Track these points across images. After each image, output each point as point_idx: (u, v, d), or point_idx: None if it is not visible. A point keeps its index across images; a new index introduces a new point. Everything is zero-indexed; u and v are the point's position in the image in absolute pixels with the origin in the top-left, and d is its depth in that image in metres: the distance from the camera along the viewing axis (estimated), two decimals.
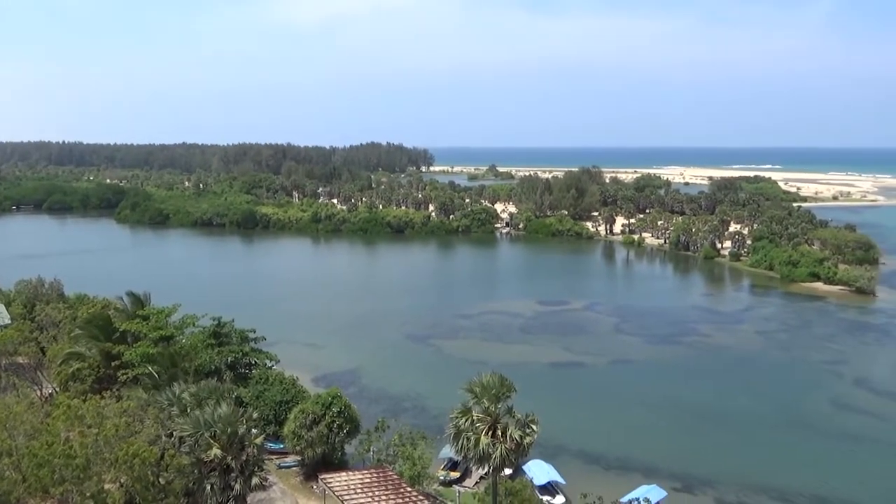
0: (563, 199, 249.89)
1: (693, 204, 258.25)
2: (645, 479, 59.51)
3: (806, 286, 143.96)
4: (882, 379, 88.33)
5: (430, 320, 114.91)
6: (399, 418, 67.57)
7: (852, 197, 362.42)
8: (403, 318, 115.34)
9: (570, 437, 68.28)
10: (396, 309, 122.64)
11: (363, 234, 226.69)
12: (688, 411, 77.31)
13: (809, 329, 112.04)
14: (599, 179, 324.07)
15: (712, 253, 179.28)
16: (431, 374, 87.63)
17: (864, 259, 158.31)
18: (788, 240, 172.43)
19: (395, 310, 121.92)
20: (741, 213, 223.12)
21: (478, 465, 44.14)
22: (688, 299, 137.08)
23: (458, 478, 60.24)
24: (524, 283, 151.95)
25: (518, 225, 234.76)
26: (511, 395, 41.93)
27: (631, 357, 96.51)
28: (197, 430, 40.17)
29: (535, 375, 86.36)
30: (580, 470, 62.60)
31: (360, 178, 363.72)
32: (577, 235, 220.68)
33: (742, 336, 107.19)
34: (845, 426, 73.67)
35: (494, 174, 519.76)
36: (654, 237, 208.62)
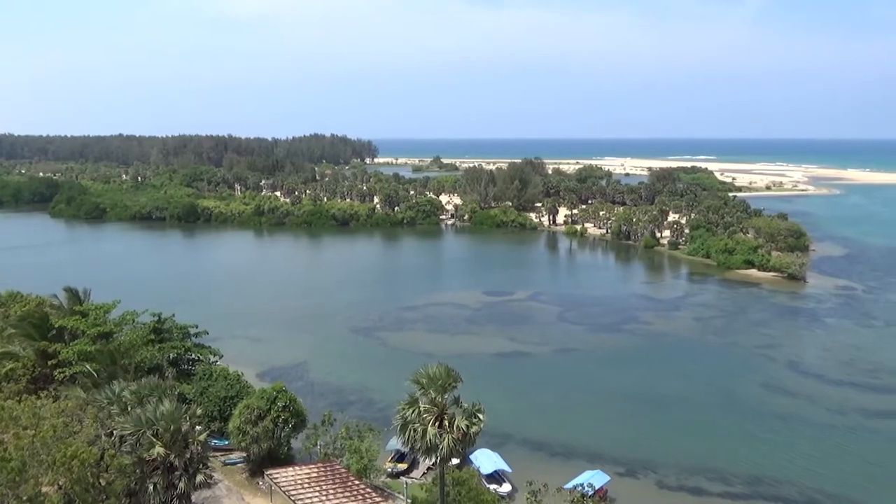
0: (507, 190, 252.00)
1: (633, 194, 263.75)
2: (589, 465, 60.83)
3: (741, 273, 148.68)
4: (811, 362, 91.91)
5: (375, 313, 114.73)
6: (346, 411, 67.60)
7: (784, 187, 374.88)
8: (349, 311, 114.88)
9: (516, 426, 69.29)
10: (342, 302, 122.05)
11: (307, 226, 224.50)
12: (629, 397, 79.20)
13: (744, 315, 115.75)
14: (542, 171, 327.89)
15: (652, 242, 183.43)
16: (378, 367, 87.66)
17: (796, 246, 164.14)
18: (724, 228, 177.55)
19: (341, 303, 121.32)
20: (679, 203, 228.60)
21: (425, 456, 44.44)
22: (629, 288, 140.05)
23: (405, 469, 60.58)
24: (469, 275, 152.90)
25: (463, 216, 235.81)
26: (457, 385, 42.32)
27: (574, 345, 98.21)
28: (138, 429, 39.50)
29: (482, 365, 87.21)
30: (526, 458, 63.63)
31: (304, 171, 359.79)
32: (521, 226, 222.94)
33: (680, 323, 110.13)
34: (777, 408, 76.53)
35: (439, 166, 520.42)
36: (596, 227, 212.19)
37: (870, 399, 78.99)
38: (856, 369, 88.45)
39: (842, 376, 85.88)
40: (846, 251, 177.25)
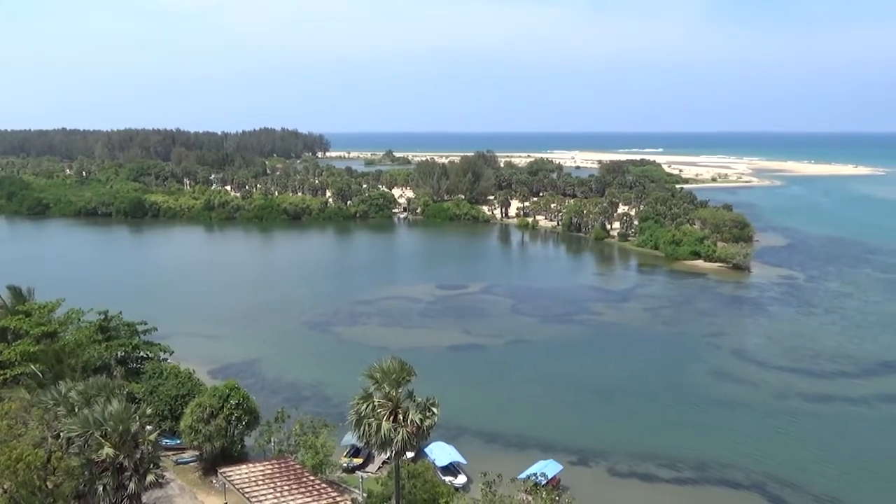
0: (460, 183, 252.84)
1: (584, 187, 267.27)
2: (542, 455, 61.78)
3: (688, 264, 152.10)
4: (755, 349, 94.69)
5: (329, 307, 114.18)
6: (300, 407, 67.35)
7: (729, 178, 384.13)
8: (302, 306, 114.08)
9: (470, 418, 69.88)
10: (294, 297, 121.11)
11: (259, 221, 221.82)
12: (581, 387, 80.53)
13: (691, 304, 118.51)
14: (494, 164, 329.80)
15: (602, 234, 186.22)
16: (331, 362, 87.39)
17: (740, 237, 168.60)
18: (672, 220, 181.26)
19: (293, 298, 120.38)
20: (629, 195, 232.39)
21: (380, 451, 44.66)
22: (580, 279, 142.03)
23: (360, 464, 60.66)
24: (423, 268, 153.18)
25: (416, 210, 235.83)
26: (411, 379, 42.58)
27: (527, 337, 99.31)
28: (86, 430, 38.78)
29: (436, 359, 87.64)
30: (480, 449, 64.28)
31: (255, 165, 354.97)
32: (474, 219, 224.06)
33: (630, 313, 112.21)
34: (723, 394, 78.74)
35: (391, 159, 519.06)
36: (547, 220, 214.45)
37: (810, 384, 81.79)
38: (797, 356, 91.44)
39: (784, 363, 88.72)
40: (788, 241, 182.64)
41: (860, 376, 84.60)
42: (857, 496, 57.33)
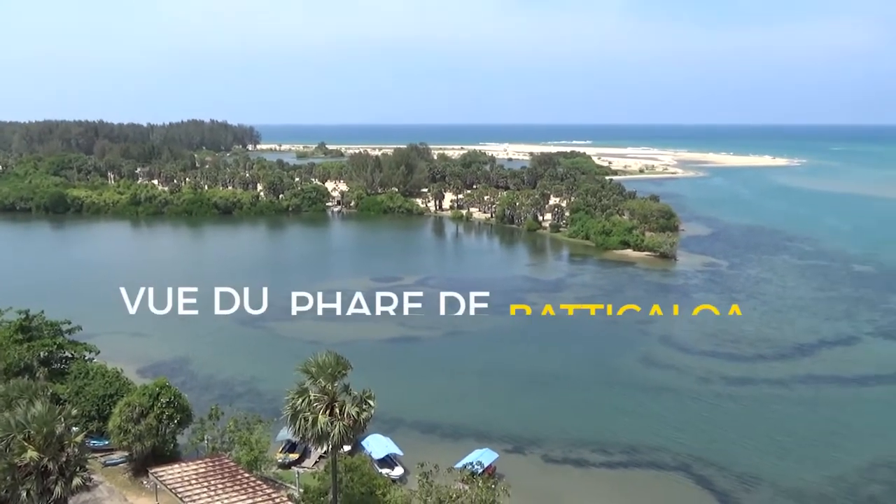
0: (394, 176, 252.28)
1: (516, 179, 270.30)
2: (478, 444, 62.68)
3: (618, 253, 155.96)
4: (681, 335, 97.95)
5: (261, 302, 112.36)
6: (234, 404, 66.45)
7: (656, 170, 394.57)
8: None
9: (406, 410, 70.24)
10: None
11: (188, 215, 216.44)
12: (515, 376, 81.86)
13: (621, 293, 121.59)
14: (428, 156, 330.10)
15: (535, 225, 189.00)
16: (265, 357, 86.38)
17: (667, 226, 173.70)
18: (602, 211, 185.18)
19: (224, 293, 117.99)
20: (560, 186, 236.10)
21: (316, 445, 44.53)
22: (514, 270, 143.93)
23: (297, 459, 60.37)
24: (358, 261, 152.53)
25: (349, 203, 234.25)
26: (347, 372, 42.57)
27: (462, 328, 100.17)
28: (8, 433, 37.44)
29: (371, 352, 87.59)
30: (417, 440, 64.75)
31: (183, 158, 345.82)
32: (408, 212, 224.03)
33: (563, 302, 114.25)
34: (651, 380, 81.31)
35: (324, 152, 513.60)
36: (481, 211, 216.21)
37: (731, 368, 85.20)
38: (720, 340, 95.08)
39: (708, 347, 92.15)
40: (711, 230, 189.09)
41: (778, 359, 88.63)
42: (776, 473, 60.16)
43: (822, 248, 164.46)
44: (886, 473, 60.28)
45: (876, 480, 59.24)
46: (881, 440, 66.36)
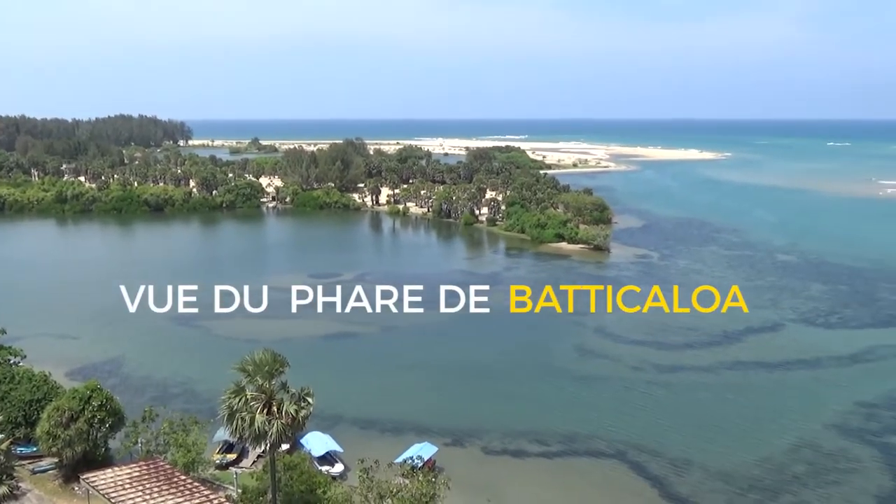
0: (329, 171, 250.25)
1: (453, 173, 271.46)
2: (418, 438, 63.06)
3: (553, 246, 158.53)
4: (615, 325, 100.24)
5: (196, 301, 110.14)
6: (168, 406, 65.06)
7: (589, 164, 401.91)
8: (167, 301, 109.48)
9: (346, 406, 70.07)
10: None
11: (117, 213, 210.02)
12: (454, 370, 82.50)
13: (557, 285, 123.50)
14: (364, 151, 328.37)
15: (471, 219, 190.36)
16: (201, 357, 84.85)
17: (600, 219, 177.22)
18: (537, 204, 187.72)
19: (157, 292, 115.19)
20: (496, 180, 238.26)
21: (254, 444, 44.01)
22: (451, 264, 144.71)
23: (234, 459, 59.59)
24: (294, 258, 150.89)
25: (285, 199, 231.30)
26: (285, 370, 42.22)
27: (401, 323, 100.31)
28: None
29: (309, 349, 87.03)
30: (357, 437, 64.70)
31: (111, 154, 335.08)
32: (345, 207, 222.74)
33: (499, 295, 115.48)
34: (587, 369, 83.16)
35: (258, 147, 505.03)
36: (418, 206, 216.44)
37: (663, 356, 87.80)
38: (651, 330, 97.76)
39: (640, 337, 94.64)
40: (643, 222, 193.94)
41: (706, 346, 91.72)
42: (706, 456, 62.37)
43: (747, 238, 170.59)
44: (809, 454, 63.16)
45: (800, 460, 62.03)
46: (804, 422, 69.45)
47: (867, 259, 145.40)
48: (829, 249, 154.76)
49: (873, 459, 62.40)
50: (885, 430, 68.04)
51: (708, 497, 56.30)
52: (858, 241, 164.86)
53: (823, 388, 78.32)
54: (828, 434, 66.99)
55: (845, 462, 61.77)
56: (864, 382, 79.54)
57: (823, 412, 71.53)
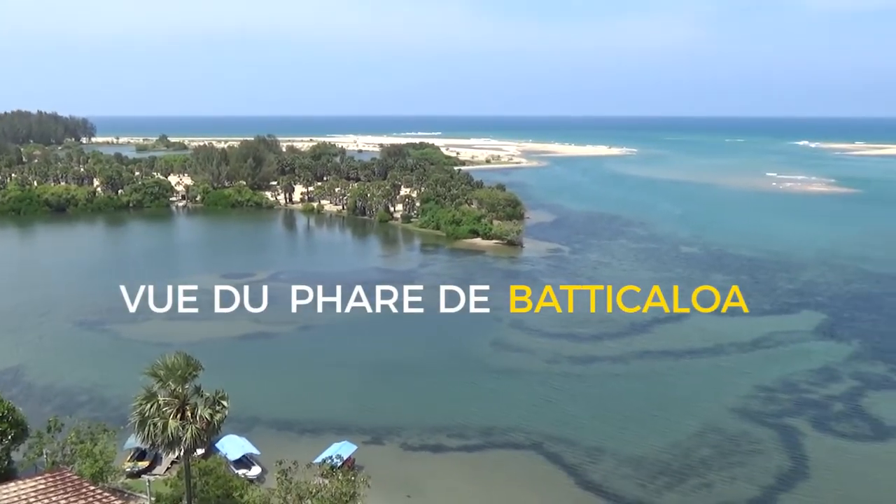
0: (241, 169, 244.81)
1: (367, 170, 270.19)
2: (336, 437, 62.80)
3: (468, 242, 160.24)
4: (530, 319, 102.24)
5: (103, 304, 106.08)
6: (75, 414, 62.51)
7: (501, 160, 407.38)
8: (72, 305, 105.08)
9: (262, 408, 69.04)
10: (62, 296, 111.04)
11: (16, 214, 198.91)
12: (372, 367, 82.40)
13: (472, 280, 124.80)
14: (276, 148, 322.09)
15: (386, 216, 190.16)
16: (110, 362, 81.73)
17: (513, 215, 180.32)
18: (451, 201, 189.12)
19: (61, 297, 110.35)
20: (410, 177, 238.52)
21: (168, 451, 42.93)
22: (367, 262, 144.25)
23: (147, 467, 57.89)
24: (206, 258, 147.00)
25: (195, 197, 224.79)
26: (198, 373, 41.26)
27: (316, 322, 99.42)
28: None
29: (224, 350, 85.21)
30: (274, 438, 63.87)
31: (8, 152, 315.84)
32: (258, 205, 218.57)
33: (415, 292, 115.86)
34: (504, 363, 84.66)
35: (166, 145, 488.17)
36: (332, 204, 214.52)
37: (577, 348, 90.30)
38: (566, 322, 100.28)
39: (555, 330, 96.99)
40: (555, 217, 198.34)
41: (617, 337, 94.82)
42: (618, 444, 64.64)
43: (654, 231, 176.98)
44: (714, 437, 66.33)
45: (705, 444, 65.06)
46: (708, 407, 72.84)
47: (765, 250, 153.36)
48: (730, 241, 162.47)
49: (772, 440, 66.13)
50: (783, 412, 72.18)
51: (620, 483, 58.37)
52: (757, 233, 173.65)
53: (726, 373, 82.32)
54: (731, 418, 70.52)
55: (747, 444, 65.20)
56: (763, 367, 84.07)
57: (726, 397, 75.22)
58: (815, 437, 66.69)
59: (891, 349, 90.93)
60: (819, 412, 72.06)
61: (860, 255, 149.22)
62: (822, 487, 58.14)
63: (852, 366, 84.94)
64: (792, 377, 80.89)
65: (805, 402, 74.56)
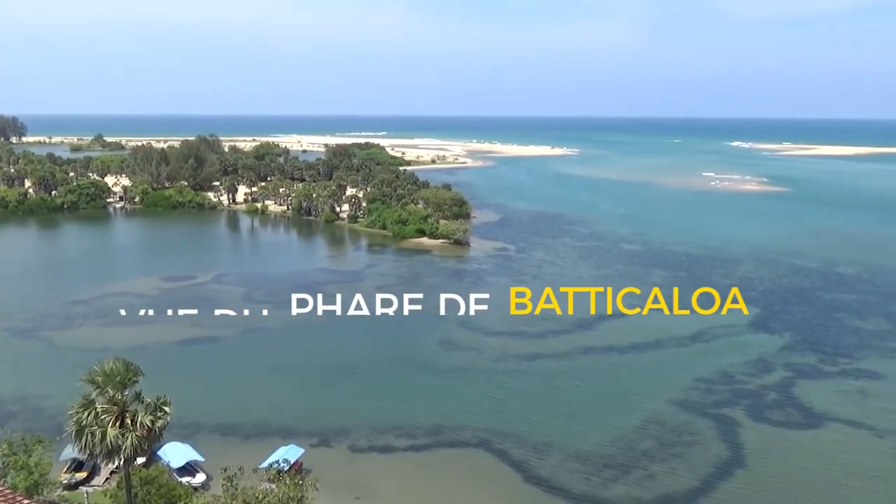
0: (182, 169, 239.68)
1: (312, 170, 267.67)
2: (283, 441, 62.05)
3: (414, 241, 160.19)
4: (477, 318, 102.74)
5: (36, 310, 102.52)
6: (6, 426, 60.19)
7: (447, 160, 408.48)
8: (1, 312, 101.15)
9: (207, 413, 67.77)
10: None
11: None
12: (319, 369, 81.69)
13: (419, 279, 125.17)
14: (218, 148, 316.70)
15: (332, 217, 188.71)
16: (44, 371, 79.07)
17: (460, 214, 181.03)
18: (397, 200, 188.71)
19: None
20: (356, 177, 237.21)
21: (107, 460, 41.72)
22: (313, 262, 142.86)
23: (85, 478, 56.20)
24: (146, 261, 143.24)
25: (134, 198, 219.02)
26: (138, 379, 40.29)
27: (262, 324, 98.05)
28: None
29: (165, 355, 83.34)
30: (219, 444, 62.72)
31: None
32: (200, 206, 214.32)
33: (363, 292, 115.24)
34: (452, 362, 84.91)
35: (102, 145, 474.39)
36: (277, 204, 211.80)
37: (523, 345, 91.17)
38: (511, 321, 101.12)
39: (501, 328, 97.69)
40: (500, 216, 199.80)
41: (562, 333, 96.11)
42: (564, 439, 65.55)
43: (596, 230, 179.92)
44: (656, 430, 67.85)
45: (648, 436, 66.51)
46: (650, 400, 74.46)
47: (702, 246, 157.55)
48: (670, 239, 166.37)
49: (711, 430, 68.05)
50: (721, 402, 74.32)
51: (567, 477, 59.21)
52: (695, 231, 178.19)
53: (666, 367, 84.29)
54: (671, 410, 72.25)
55: (688, 435, 66.91)
56: (702, 360, 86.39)
57: (668, 390, 77.03)
58: (750, 427, 68.90)
59: (820, 340, 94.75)
60: (754, 402, 74.49)
61: (791, 250, 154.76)
62: (758, 474, 60.13)
63: (784, 357, 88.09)
64: (729, 369, 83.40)
65: (741, 392, 76.95)
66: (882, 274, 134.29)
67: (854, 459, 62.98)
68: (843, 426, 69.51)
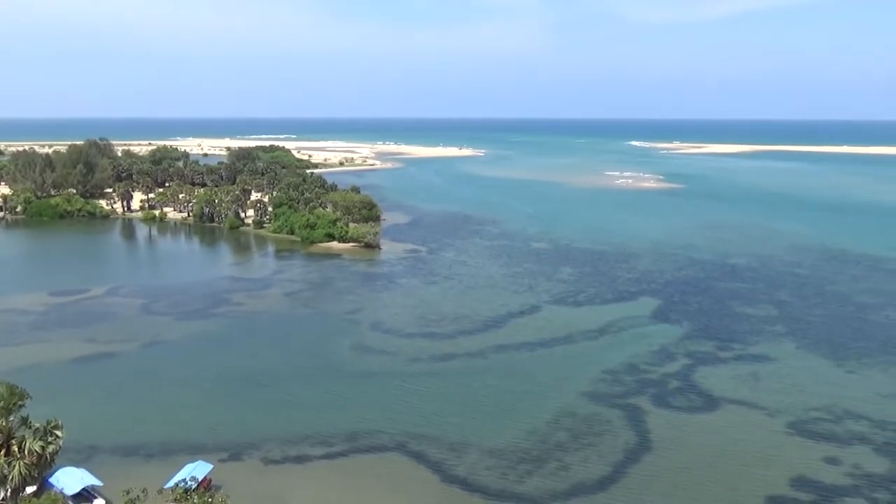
0: (70, 175, 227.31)
1: (214, 175, 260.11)
2: (190, 458, 59.21)
3: (324, 246, 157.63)
4: (390, 320, 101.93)
5: None
6: None
7: (355, 162, 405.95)
8: None
9: (104, 435, 63.84)
10: None
11: None
12: (228, 380, 78.75)
13: (330, 285, 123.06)
14: (110, 153, 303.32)
15: (237, 223, 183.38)
16: None
17: (370, 217, 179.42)
18: (305, 204, 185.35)
19: None
20: (261, 181, 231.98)
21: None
22: (217, 271, 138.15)
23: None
24: (30, 275, 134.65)
25: (15, 208, 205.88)
26: (25, 403, 37.57)
27: (163, 337, 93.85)
28: None
29: (56, 376, 78.48)
30: (119, 466, 59.12)
31: None
32: (91, 215, 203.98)
33: (271, 299, 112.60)
34: (366, 366, 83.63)
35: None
36: (176, 211, 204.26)
37: (437, 346, 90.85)
38: (425, 321, 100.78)
39: (414, 329, 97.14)
40: (411, 218, 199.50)
41: (475, 333, 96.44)
42: (480, 436, 65.53)
43: (505, 229, 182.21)
44: (568, 421, 68.85)
45: (561, 428, 67.44)
46: (561, 394, 75.54)
47: (606, 243, 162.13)
48: (576, 236, 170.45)
49: (620, 419, 69.81)
50: (627, 392, 76.38)
51: (484, 474, 59.13)
52: (599, 228, 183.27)
53: (575, 361, 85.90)
54: (581, 402, 73.59)
55: (598, 425, 68.31)
56: (607, 352, 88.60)
57: (577, 383, 78.47)
58: (655, 413, 71.24)
59: (715, 328, 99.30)
60: (658, 390, 77.08)
61: (687, 244, 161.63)
62: (664, 458, 62.27)
63: (684, 345, 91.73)
64: (633, 359, 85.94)
65: (645, 381, 79.46)
66: (769, 264, 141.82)
67: (749, 437, 66.23)
68: (739, 408, 73.06)
